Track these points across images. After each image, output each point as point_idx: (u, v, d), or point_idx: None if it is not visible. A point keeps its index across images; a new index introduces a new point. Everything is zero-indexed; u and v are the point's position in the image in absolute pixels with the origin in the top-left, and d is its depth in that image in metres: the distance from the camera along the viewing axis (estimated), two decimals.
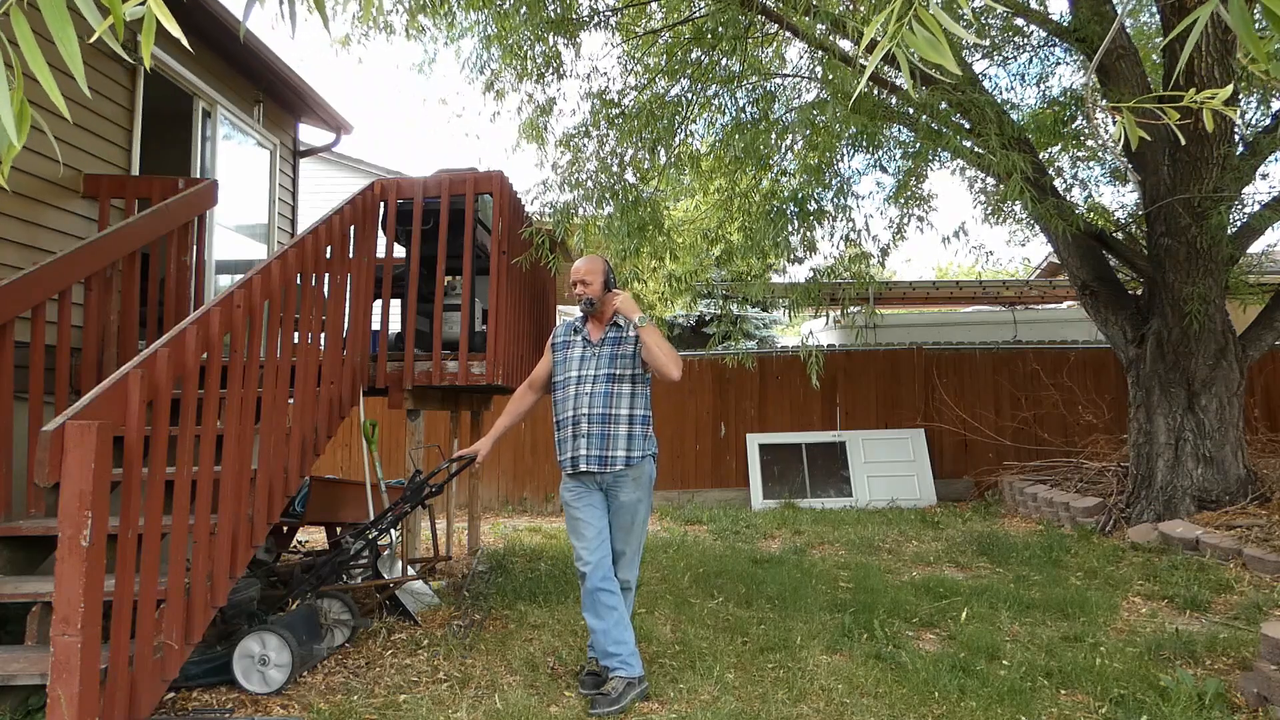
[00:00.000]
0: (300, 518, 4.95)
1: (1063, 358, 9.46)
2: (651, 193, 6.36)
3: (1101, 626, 4.13)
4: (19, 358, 3.61)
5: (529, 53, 6.22)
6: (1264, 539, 5.30)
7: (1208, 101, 1.50)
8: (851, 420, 9.58)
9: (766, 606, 4.60)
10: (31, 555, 3.42)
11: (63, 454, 2.36)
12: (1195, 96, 1.51)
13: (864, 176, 19.83)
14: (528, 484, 9.68)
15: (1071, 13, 6.36)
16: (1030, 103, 8.12)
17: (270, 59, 6.37)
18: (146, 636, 2.71)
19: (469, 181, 4.97)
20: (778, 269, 6.97)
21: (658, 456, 3.58)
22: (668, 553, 6.21)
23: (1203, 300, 6.19)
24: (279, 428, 3.64)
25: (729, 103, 6.70)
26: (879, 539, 6.71)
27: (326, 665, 3.68)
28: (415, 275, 4.85)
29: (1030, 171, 5.12)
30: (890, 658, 3.64)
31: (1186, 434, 6.39)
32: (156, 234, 4.50)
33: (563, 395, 3.48)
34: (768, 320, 16.30)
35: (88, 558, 2.34)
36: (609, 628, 3.28)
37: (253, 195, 6.85)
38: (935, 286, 14.18)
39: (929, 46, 1.30)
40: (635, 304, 3.44)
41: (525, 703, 3.16)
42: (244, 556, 3.33)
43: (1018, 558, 5.72)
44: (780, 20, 6.15)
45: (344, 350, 4.43)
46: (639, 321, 3.36)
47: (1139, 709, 3.04)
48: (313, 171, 10.23)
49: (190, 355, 2.97)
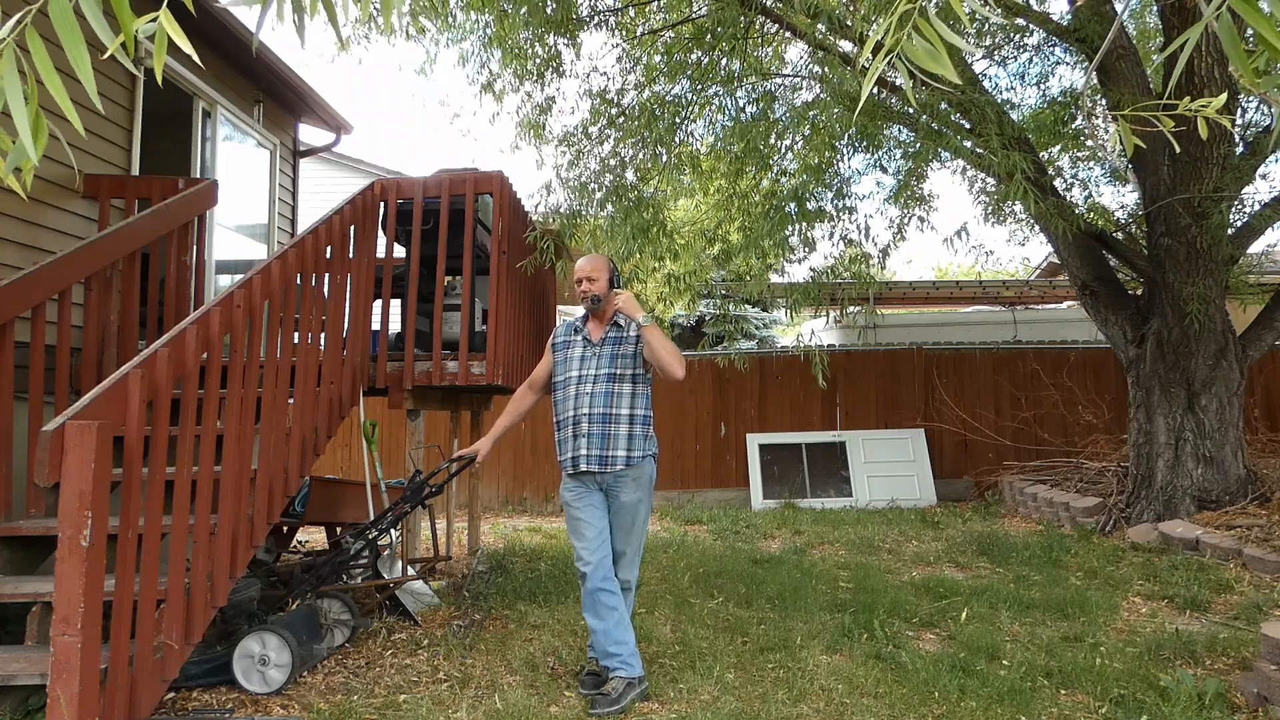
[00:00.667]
0: (300, 518, 4.95)
1: (1063, 358, 9.46)
2: (652, 193, 6.36)
3: (1101, 626, 4.13)
4: (19, 358, 3.61)
5: (529, 53, 6.22)
6: (1264, 539, 5.30)
7: (1202, 109, 1.50)
8: (851, 420, 9.58)
9: (766, 606, 4.60)
10: (31, 555, 3.42)
11: (63, 454, 2.36)
12: (1190, 105, 1.51)
13: (864, 176, 19.85)
14: (528, 484, 9.68)
15: (1071, 13, 6.36)
16: (1030, 102, 8.13)
17: (270, 59, 6.37)
18: (146, 636, 2.70)
19: (469, 181, 4.97)
20: (778, 269, 6.97)
21: (658, 457, 3.58)
22: (668, 553, 6.21)
23: (1203, 300, 6.19)
24: (279, 428, 3.64)
25: (729, 103, 6.70)
26: (879, 539, 6.71)
27: (326, 665, 3.68)
28: (415, 275, 4.85)
29: (1031, 171, 5.12)
30: (890, 658, 3.64)
31: (1186, 434, 6.39)
32: (156, 234, 4.49)
33: (563, 395, 3.48)
34: (768, 320, 16.30)
35: (88, 558, 2.34)
36: (609, 628, 3.28)
37: (253, 195, 6.85)
38: (935, 286, 14.18)
39: (928, 57, 1.30)
40: (637, 304, 3.44)
41: (525, 703, 3.16)
42: (244, 556, 3.33)
43: (1018, 558, 5.72)
44: (780, 20, 6.15)
45: (344, 350, 4.43)
46: (642, 320, 3.35)
47: (1139, 709, 3.03)
48: (313, 171, 10.23)
49: (190, 355, 2.97)
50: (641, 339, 3.41)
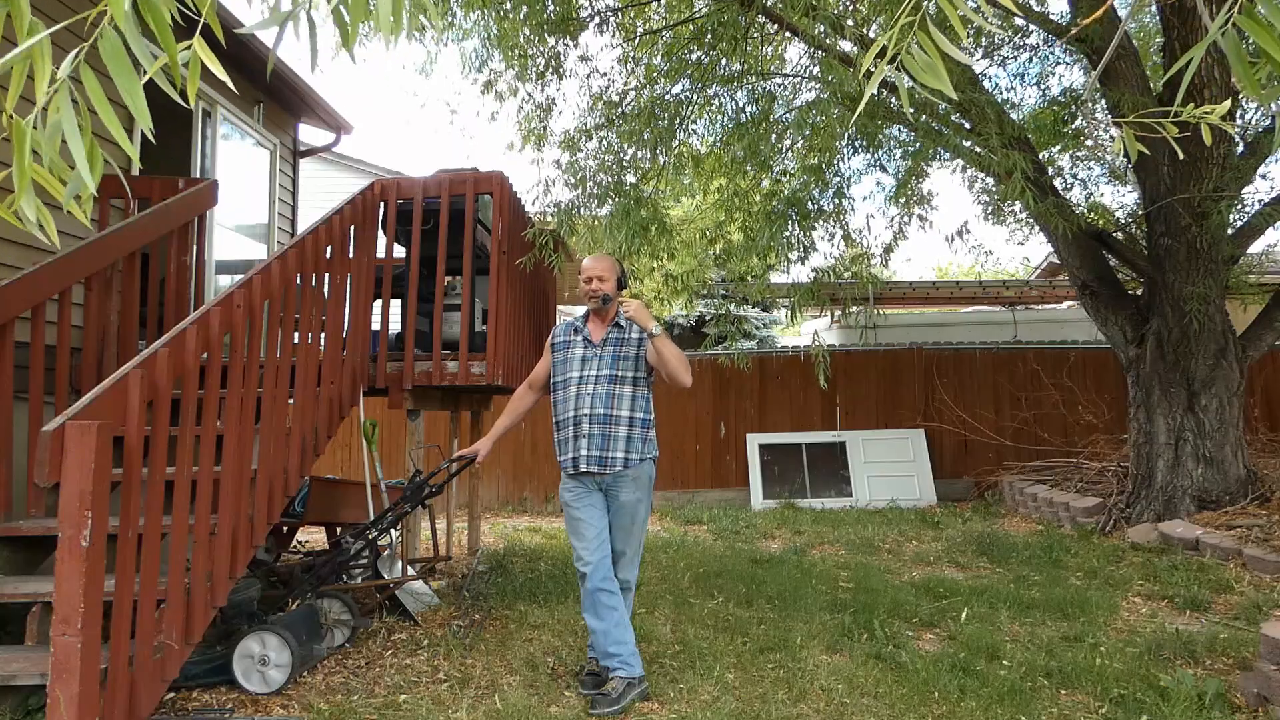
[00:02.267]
0: (300, 518, 4.95)
1: (1063, 358, 9.46)
2: (651, 192, 6.36)
3: (1101, 626, 4.13)
4: (19, 358, 3.61)
5: (529, 53, 6.22)
6: (1264, 539, 5.30)
7: (1206, 116, 1.50)
8: (851, 420, 9.58)
9: (766, 606, 4.59)
10: (31, 555, 3.42)
11: (63, 454, 2.36)
12: (1195, 111, 1.52)
13: (864, 176, 19.82)
14: (528, 484, 9.68)
15: (1071, 13, 6.36)
16: (1031, 102, 8.13)
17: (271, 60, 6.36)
18: (146, 637, 2.70)
19: (469, 181, 4.97)
20: (778, 269, 6.98)
21: (658, 459, 3.57)
22: (668, 553, 6.21)
23: (1203, 300, 6.19)
24: (279, 428, 3.63)
25: (729, 103, 6.70)
26: (879, 539, 6.71)
27: (326, 665, 3.68)
28: (415, 275, 4.84)
29: (1030, 171, 5.12)
30: (890, 658, 3.64)
31: (1186, 434, 6.39)
32: (157, 234, 4.49)
33: (563, 395, 3.48)
34: (768, 320, 16.30)
35: (88, 558, 2.34)
36: (609, 628, 3.28)
37: (253, 195, 6.85)
38: (935, 286, 14.17)
39: (928, 71, 1.30)
40: (648, 314, 3.39)
41: (525, 703, 3.16)
42: (244, 556, 3.33)
43: (1018, 558, 5.72)
44: (780, 20, 6.15)
45: (344, 350, 4.43)
46: (654, 331, 3.33)
47: (1139, 709, 3.04)
48: (313, 171, 10.22)
49: (190, 355, 2.97)
50: (644, 343, 3.42)
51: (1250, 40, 1.25)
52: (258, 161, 6.90)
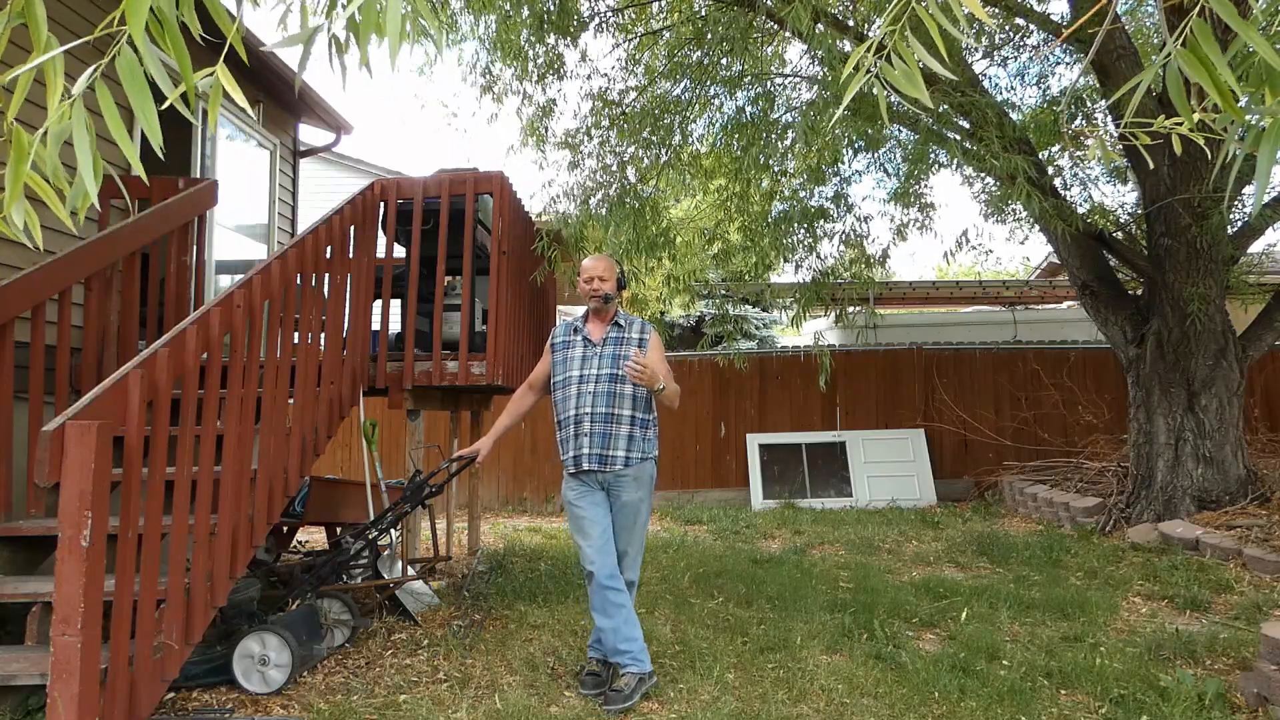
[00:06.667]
0: (300, 518, 4.95)
1: (1063, 358, 9.46)
2: (651, 191, 6.36)
3: (1101, 626, 4.13)
4: (19, 358, 3.61)
5: (529, 54, 6.22)
6: (1264, 539, 5.30)
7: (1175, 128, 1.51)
8: (851, 420, 9.58)
9: (766, 606, 4.60)
10: (31, 555, 3.42)
11: (63, 454, 2.36)
12: (1165, 123, 1.53)
13: (864, 177, 19.83)
14: (528, 484, 9.68)
15: (1071, 13, 6.36)
16: (1031, 102, 8.13)
17: (271, 60, 6.36)
18: (146, 637, 2.70)
19: (469, 181, 4.97)
20: (778, 270, 6.97)
21: (658, 459, 3.58)
22: (668, 553, 6.21)
23: (1203, 300, 6.19)
24: (279, 428, 3.63)
25: (729, 103, 6.70)
26: (879, 539, 6.70)
27: (326, 665, 3.68)
28: (415, 275, 4.84)
29: (1031, 172, 5.12)
30: (890, 658, 3.64)
31: (1186, 434, 6.39)
32: (157, 234, 4.49)
33: (564, 395, 3.49)
34: (768, 320, 16.29)
35: (88, 558, 2.34)
36: (618, 625, 3.30)
37: (253, 195, 6.85)
38: (935, 287, 14.18)
39: (904, 80, 1.31)
40: (658, 373, 3.34)
41: (525, 703, 3.16)
42: (244, 556, 3.33)
43: (1018, 558, 5.72)
44: (781, 21, 6.15)
45: (344, 350, 4.43)
46: (658, 388, 3.34)
47: (1139, 709, 3.04)
48: (313, 171, 10.23)
49: (190, 355, 2.97)
50: (644, 342, 3.47)
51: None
52: (258, 161, 6.90)
